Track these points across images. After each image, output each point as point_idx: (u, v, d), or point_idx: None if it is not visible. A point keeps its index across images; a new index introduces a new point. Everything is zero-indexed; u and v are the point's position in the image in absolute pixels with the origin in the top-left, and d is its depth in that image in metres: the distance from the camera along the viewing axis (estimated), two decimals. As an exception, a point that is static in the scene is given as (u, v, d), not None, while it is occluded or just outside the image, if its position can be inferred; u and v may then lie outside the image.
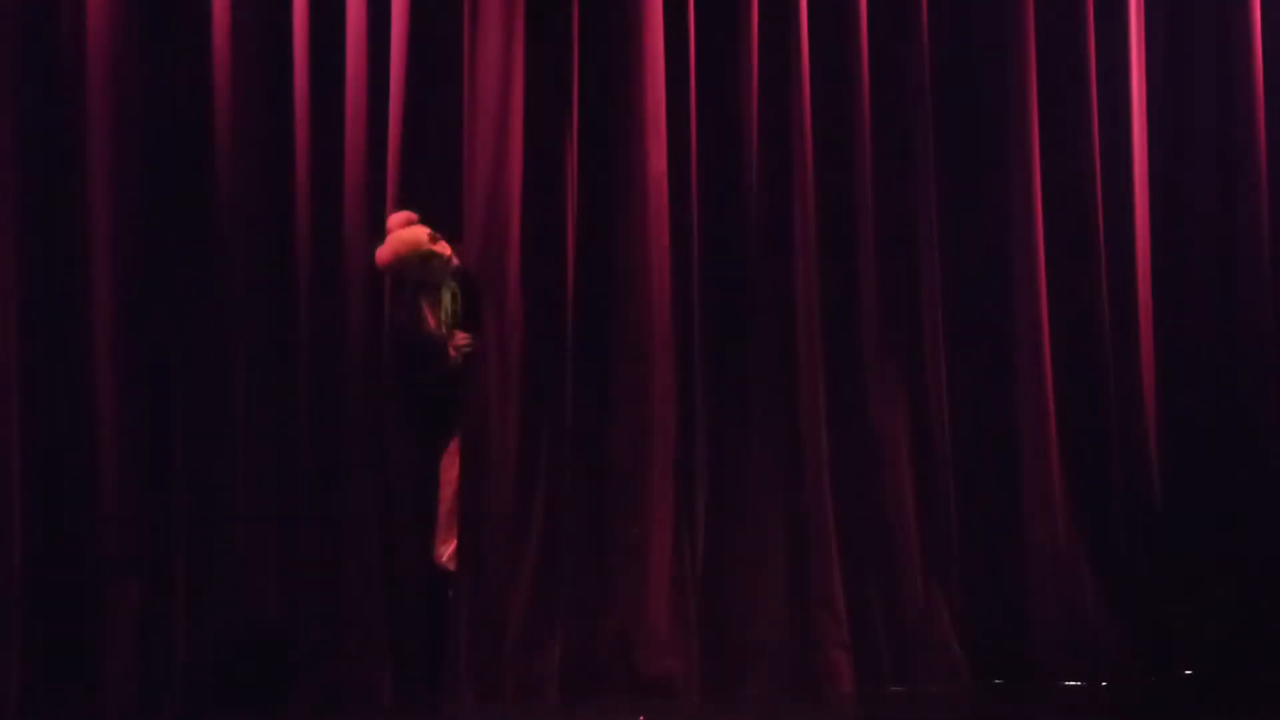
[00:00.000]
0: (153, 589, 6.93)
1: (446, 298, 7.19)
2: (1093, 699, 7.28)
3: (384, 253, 7.04)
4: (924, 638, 7.41)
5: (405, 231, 7.06)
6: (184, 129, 7.03)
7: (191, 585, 6.97)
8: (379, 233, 7.08)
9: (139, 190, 6.96)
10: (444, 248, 7.11)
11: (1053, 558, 7.53)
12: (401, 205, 7.13)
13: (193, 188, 7.04)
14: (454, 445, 7.16)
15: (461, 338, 7.16)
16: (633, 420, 7.27)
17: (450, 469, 7.14)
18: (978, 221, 7.70)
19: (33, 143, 6.90)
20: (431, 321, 7.16)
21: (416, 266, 7.08)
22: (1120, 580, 7.56)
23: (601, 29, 7.38)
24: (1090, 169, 7.67)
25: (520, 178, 7.23)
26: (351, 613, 7.04)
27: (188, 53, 7.02)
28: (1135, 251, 7.73)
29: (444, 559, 7.13)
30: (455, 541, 7.11)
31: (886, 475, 7.48)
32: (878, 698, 7.30)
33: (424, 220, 7.11)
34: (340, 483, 7.09)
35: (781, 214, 7.50)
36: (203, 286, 7.04)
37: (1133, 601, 7.55)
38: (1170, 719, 7.07)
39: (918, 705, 7.23)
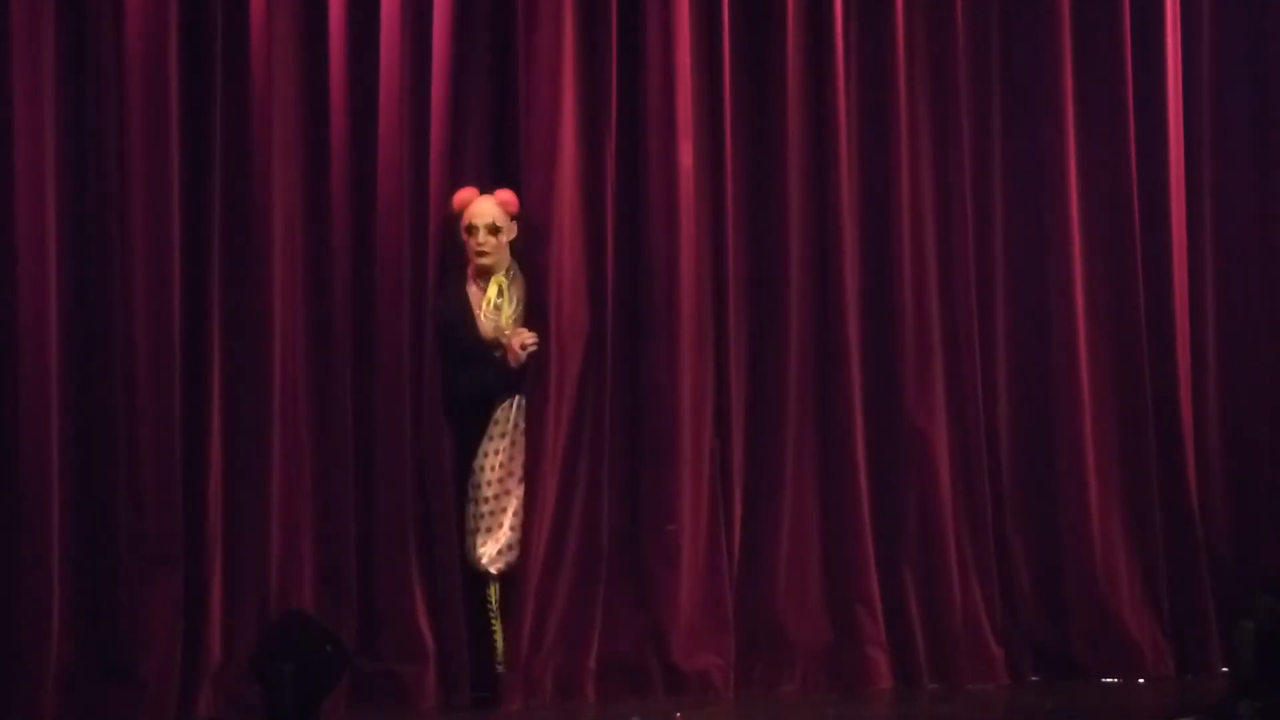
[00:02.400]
0: (188, 585, 6.92)
1: (493, 290, 7.17)
2: (1129, 696, 7.30)
3: (464, 193, 7.09)
4: (961, 635, 7.43)
5: (493, 195, 7.11)
6: (221, 128, 7.00)
7: (227, 582, 6.97)
8: (417, 232, 7.11)
9: (177, 190, 6.94)
10: (513, 229, 7.11)
11: (1089, 555, 7.54)
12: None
13: (230, 184, 7.01)
14: (489, 446, 7.14)
15: (529, 336, 7.15)
16: (668, 417, 7.27)
17: (488, 470, 7.13)
18: (1014, 218, 7.70)
19: (72, 148, 6.89)
20: (476, 313, 7.14)
21: (484, 215, 7.06)
22: (1156, 578, 7.57)
23: (633, 25, 7.35)
24: (1126, 166, 7.66)
25: (575, 177, 7.23)
26: (390, 611, 7.05)
27: (225, 54, 7.00)
28: (1172, 250, 7.71)
29: (484, 561, 7.13)
30: (494, 542, 7.11)
31: (924, 472, 7.47)
32: (915, 695, 7.32)
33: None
34: (378, 479, 7.08)
35: (819, 209, 7.50)
36: (240, 282, 7.02)
37: (1169, 599, 7.56)
38: (1206, 717, 7.08)
39: (955, 703, 7.24)
